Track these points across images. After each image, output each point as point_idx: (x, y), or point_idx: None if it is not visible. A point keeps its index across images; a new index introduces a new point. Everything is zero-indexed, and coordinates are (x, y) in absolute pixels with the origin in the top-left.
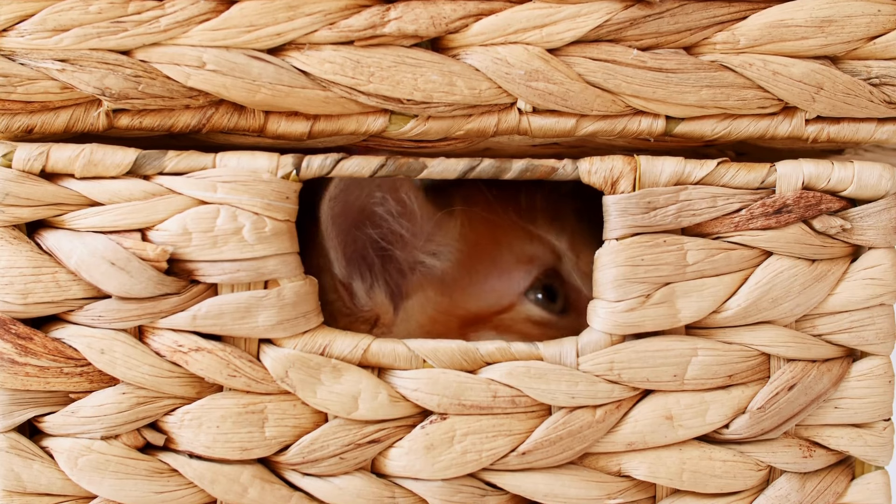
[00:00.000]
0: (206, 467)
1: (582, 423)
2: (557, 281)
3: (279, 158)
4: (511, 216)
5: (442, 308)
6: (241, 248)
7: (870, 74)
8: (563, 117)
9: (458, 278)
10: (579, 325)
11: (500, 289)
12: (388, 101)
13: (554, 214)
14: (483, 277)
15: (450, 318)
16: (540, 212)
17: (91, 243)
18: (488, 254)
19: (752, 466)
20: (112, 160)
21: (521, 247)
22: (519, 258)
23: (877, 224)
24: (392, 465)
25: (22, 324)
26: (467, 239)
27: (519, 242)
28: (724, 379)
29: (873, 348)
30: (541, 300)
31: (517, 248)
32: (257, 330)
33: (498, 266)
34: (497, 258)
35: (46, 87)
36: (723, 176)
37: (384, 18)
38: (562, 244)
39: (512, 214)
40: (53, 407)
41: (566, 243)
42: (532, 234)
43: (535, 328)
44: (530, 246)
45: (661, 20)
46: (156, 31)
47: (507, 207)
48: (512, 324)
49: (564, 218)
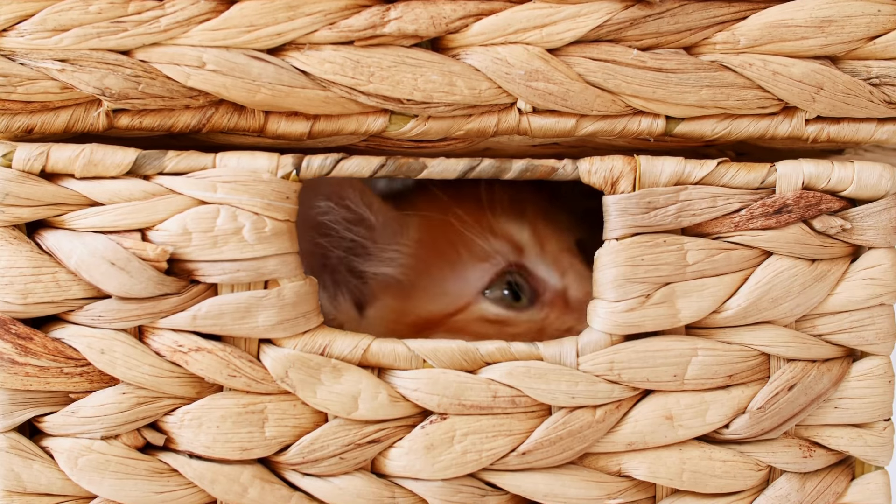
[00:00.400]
0: (206, 467)
1: (582, 423)
2: (522, 275)
3: (279, 158)
4: (471, 214)
5: (395, 314)
6: (241, 248)
7: (870, 74)
8: (563, 117)
9: (413, 283)
10: (544, 318)
11: (456, 290)
12: (388, 101)
13: (515, 206)
14: (438, 280)
15: (401, 325)
16: (499, 204)
17: (91, 243)
18: (444, 256)
19: (752, 466)
20: (112, 160)
21: (478, 245)
22: (476, 257)
23: (877, 224)
24: (392, 465)
25: (22, 324)
26: (422, 242)
27: (477, 241)
28: (724, 379)
29: (873, 348)
30: (506, 297)
31: (475, 246)
32: (257, 330)
33: (454, 267)
34: (454, 259)
35: (46, 87)
36: (723, 176)
37: (384, 18)
38: (523, 236)
39: (472, 212)
40: (53, 407)
41: (528, 234)
42: (493, 230)
43: (489, 327)
44: (489, 243)
45: (661, 20)
46: (156, 31)
47: (467, 205)
48: (465, 325)
49: (526, 208)
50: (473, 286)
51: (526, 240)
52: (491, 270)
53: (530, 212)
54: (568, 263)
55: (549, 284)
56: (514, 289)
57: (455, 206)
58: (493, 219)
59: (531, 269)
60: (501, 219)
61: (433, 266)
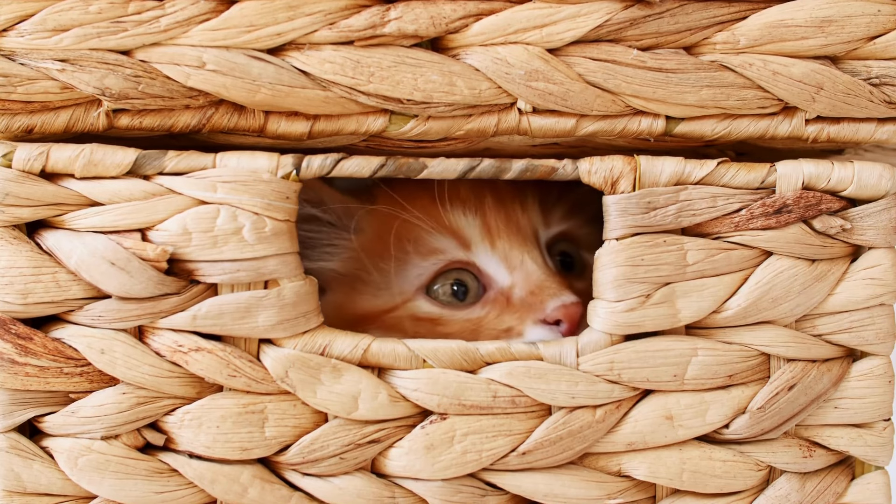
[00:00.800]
0: (206, 467)
1: (582, 423)
2: (472, 272)
3: (279, 158)
4: (424, 208)
5: (337, 309)
6: (241, 248)
7: (870, 74)
8: (563, 117)
9: (359, 277)
10: (483, 317)
11: (397, 286)
12: (388, 101)
13: (473, 199)
14: (384, 275)
15: (342, 320)
16: (455, 198)
17: (91, 243)
18: (390, 251)
19: (752, 466)
20: (112, 160)
21: (424, 241)
22: (420, 253)
23: (877, 224)
24: (392, 465)
25: (22, 324)
26: (370, 237)
27: (424, 237)
28: (724, 379)
29: (873, 348)
30: (451, 294)
31: (421, 242)
32: (257, 330)
33: (399, 263)
34: (399, 255)
35: (46, 87)
36: (723, 176)
37: (384, 18)
38: (473, 231)
39: (426, 206)
40: (53, 407)
41: (479, 230)
42: (443, 225)
43: (420, 325)
44: (435, 238)
45: (661, 20)
46: (156, 31)
47: (422, 199)
48: (398, 321)
49: (485, 202)
50: (413, 283)
51: (475, 235)
52: (431, 268)
53: (489, 205)
54: (518, 261)
55: (495, 282)
56: (456, 286)
57: (410, 200)
58: (445, 213)
59: (480, 265)
60: (453, 213)
61: (379, 261)
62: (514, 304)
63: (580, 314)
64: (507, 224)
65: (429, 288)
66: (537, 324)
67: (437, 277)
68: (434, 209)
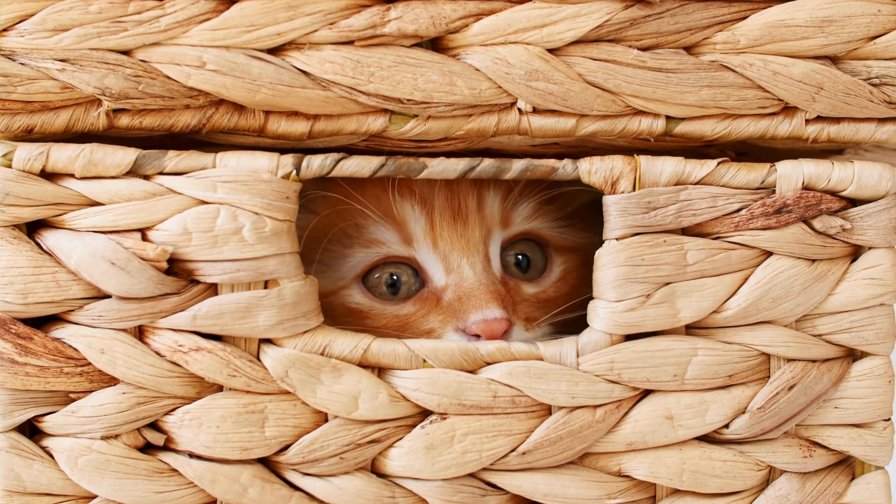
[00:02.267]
0: (206, 467)
1: (582, 423)
2: (413, 267)
3: (279, 158)
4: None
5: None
6: (241, 248)
7: (870, 74)
8: (563, 117)
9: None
10: (410, 314)
11: (338, 273)
12: (388, 101)
13: (425, 194)
14: (327, 261)
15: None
16: (407, 191)
17: (91, 243)
18: (336, 238)
19: (752, 466)
20: (112, 160)
21: (368, 230)
22: (361, 243)
23: (877, 224)
24: (392, 465)
25: (22, 324)
26: (318, 219)
27: (369, 226)
28: (724, 379)
29: (873, 348)
30: (387, 286)
31: (365, 232)
32: (257, 330)
33: (342, 249)
34: (345, 242)
35: (46, 87)
36: (723, 176)
37: (384, 18)
38: (417, 228)
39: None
40: (53, 407)
41: (423, 226)
42: (391, 218)
43: (348, 314)
44: (378, 230)
45: (661, 20)
46: (156, 31)
47: (375, 189)
48: (332, 308)
49: (433, 198)
50: (351, 271)
51: (419, 231)
52: (368, 259)
53: (440, 201)
54: (456, 263)
55: (431, 281)
56: (391, 279)
57: (363, 187)
58: (394, 204)
59: (420, 262)
60: (402, 205)
61: (329, 244)
62: (443, 307)
63: (505, 329)
64: (454, 223)
65: (365, 278)
66: (457, 332)
67: (374, 268)
68: (386, 199)
